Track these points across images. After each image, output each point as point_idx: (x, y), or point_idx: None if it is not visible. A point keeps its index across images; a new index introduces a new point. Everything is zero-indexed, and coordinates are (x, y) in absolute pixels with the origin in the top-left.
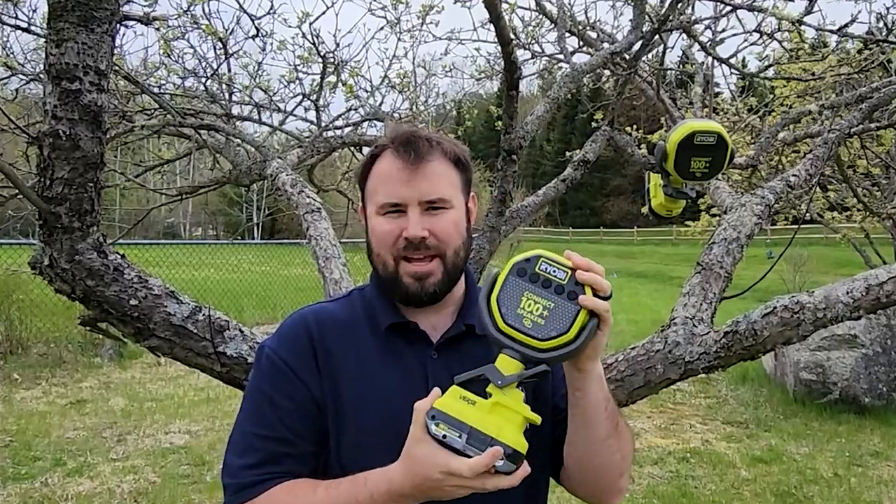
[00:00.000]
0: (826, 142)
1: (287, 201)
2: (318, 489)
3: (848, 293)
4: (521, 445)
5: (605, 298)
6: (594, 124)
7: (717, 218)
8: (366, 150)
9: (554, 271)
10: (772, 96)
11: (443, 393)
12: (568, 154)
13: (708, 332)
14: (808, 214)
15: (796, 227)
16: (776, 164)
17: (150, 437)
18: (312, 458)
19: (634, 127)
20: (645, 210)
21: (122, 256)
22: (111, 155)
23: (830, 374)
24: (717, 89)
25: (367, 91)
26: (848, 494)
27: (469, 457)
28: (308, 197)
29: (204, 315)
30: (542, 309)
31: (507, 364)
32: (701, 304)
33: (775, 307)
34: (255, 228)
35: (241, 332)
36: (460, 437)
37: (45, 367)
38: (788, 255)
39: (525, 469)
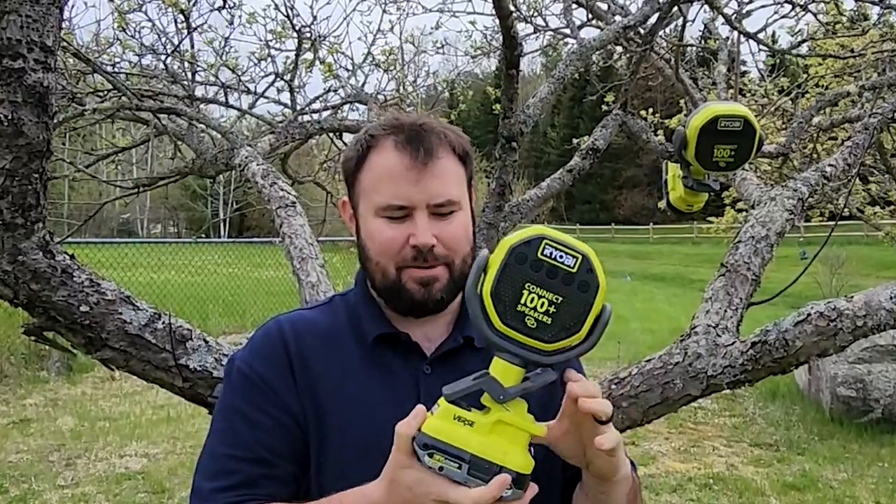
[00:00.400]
0: (867, 127)
1: (258, 194)
2: None
3: (892, 298)
4: (528, 466)
5: (605, 422)
6: (605, 108)
7: (744, 213)
8: (347, 136)
9: (561, 257)
10: (805, 76)
11: (428, 408)
12: (575, 141)
13: (733, 343)
14: (846, 210)
15: (833, 223)
16: (810, 152)
17: (103, 460)
18: (293, 480)
19: (650, 111)
20: (662, 204)
21: (72, 257)
22: (59, 142)
23: (872, 390)
24: (743, 68)
25: (348, 70)
26: None
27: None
28: (281, 189)
29: (164, 323)
30: (547, 304)
31: (505, 371)
32: (725, 311)
33: (809, 314)
34: (222, 225)
35: (206, 342)
36: (460, 467)
37: None
38: (824, 255)
39: (532, 489)
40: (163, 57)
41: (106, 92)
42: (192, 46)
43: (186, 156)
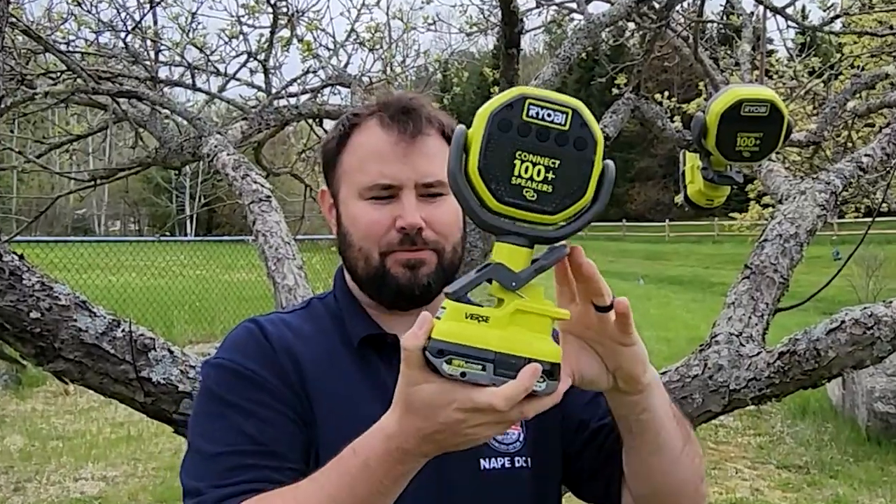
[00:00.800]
0: None
1: (228, 188)
2: (301, 484)
3: None
4: (557, 354)
5: (607, 309)
6: (615, 91)
7: (770, 209)
8: (328, 123)
9: (549, 115)
10: (839, 56)
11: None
12: None
13: (759, 353)
14: (885, 205)
15: (870, 220)
16: (844, 140)
17: (56, 484)
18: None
19: (666, 94)
20: (679, 199)
21: (21, 257)
22: (7, 129)
23: None
24: (770, 47)
25: (328, 49)
26: None
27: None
28: (255, 182)
29: (124, 331)
30: (544, 171)
31: (512, 255)
32: (750, 318)
33: (843, 321)
34: (189, 222)
35: (171, 352)
36: (484, 368)
37: None
38: (860, 255)
39: (566, 381)
40: (122, 34)
41: (59, 73)
42: (156, 23)
43: (149, 145)
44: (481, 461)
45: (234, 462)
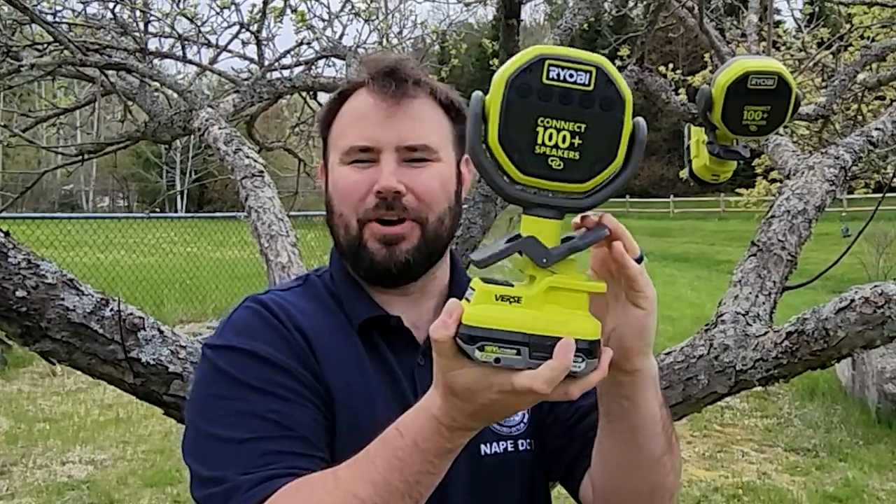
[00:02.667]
0: None
1: (220, 163)
2: (339, 470)
3: None
4: (596, 330)
5: (638, 260)
6: (618, 63)
7: (778, 184)
8: (322, 96)
9: (571, 76)
10: (848, 26)
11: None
12: None
13: (766, 333)
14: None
15: (880, 196)
16: (854, 114)
17: (43, 468)
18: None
19: (671, 66)
20: (684, 174)
21: (6, 234)
22: None
23: None
24: (777, 17)
25: (323, 20)
26: None
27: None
28: (247, 157)
29: (112, 310)
30: (569, 137)
31: (541, 228)
32: (757, 297)
33: (853, 300)
34: (179, 198)
35: (161, 332)
36: (519, 353)
37: None
38: (870, 232)
39: (607, 354)
40: (111, 5)
41: (45, 45)
42: None
43: (138, 118)
44: (482, 446)
45: (263, 448)
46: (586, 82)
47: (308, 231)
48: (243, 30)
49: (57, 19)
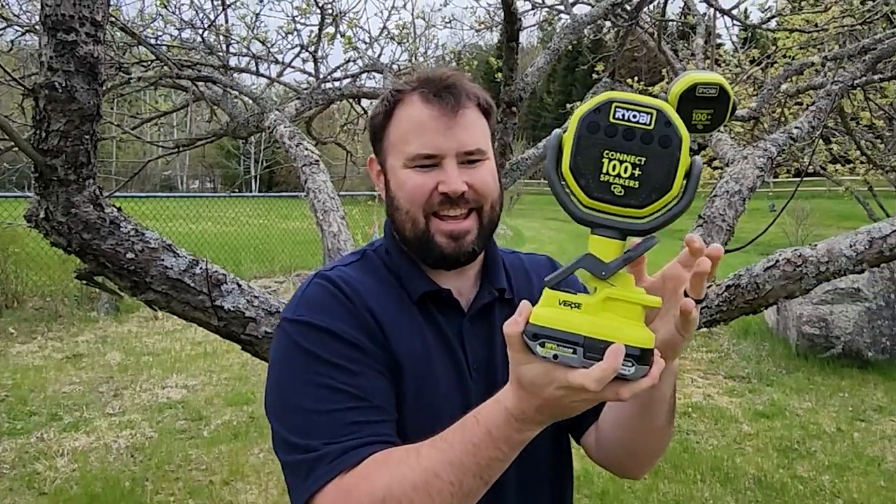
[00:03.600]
0: (829, 94)
1: (285, 153)
2: (422, 448)
3: (851, 246)
4: (649, 340)
5: (699, 301)
6: (595, 76)
7: (719, 171)
8: (365, 102)
9: (634, 116)
10: (774, 48)
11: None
12: (569, 106)
13: (710, 286)
14: (810, 167)
15: (799, 179)
16: (778, 116)
17: (147, 391)
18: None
19: (636, 79)
20: None
21: (119, 209)
22: (107, 107)
23: (833, 329)
24: (718, 41)
25: (365, 43)
26: (851, 449)
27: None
28: (306, 149)
29: (201, 268)
30: (631, 168)
31: (603, 247)
32: None
33: (778, 260)
34: (253, 181)
35: (239, 285)
36: (575, 352)
37: (41, 322)
38: (791, 207)
39: (659, 365)
40: (200, 31)
41: (150, 62)
42: (227, 21)
43: (221, 119)
44: None
45: (345, 418)
46: (647, 122)
47: (353, 207)
48: (303, 50)
49: (158, 42)
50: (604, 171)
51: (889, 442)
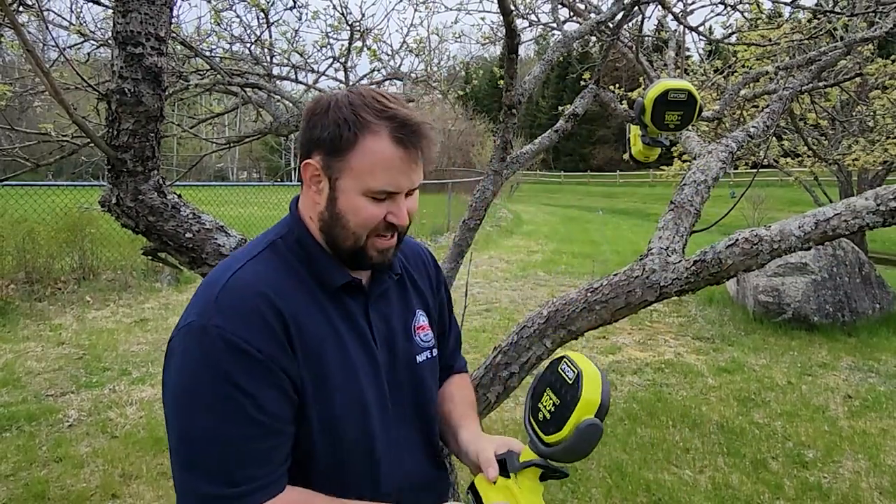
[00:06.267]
0: (781, 98)
1: None
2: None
3: (799, 227)
4: None
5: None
6: (582, 83)
7: (688, 163)
8: None
9: (566, 370)
10: (734, 59)
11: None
12: (560, 108)
13: (680, 261)
14: (765, 160)
15: (756, 170)
16: (738, 117)
17: None
18: (292, 438)
19: (617, 85)
20: (626, 156)
21: (179, 196)
22: (169, 109)
23: (784, 297)
24: (687, 53)
25: (388, 55)
26: (799, 399)
27: None
28: None
29: None
30: (552, 405)
31: (527, 452)
32: (674, 237)
33: (737, 239)
34: (293, 172)
35: None
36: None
37: (113, 291)
38: (749, 194)
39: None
40: (248, 44)
41: (205, 71)
42: (270, 36)
43: (266, 119)
44: (416, 357)
45: (252, 447)
46: (571, 378)
47: None
48: (335, 61)
49: (212, 54)
50: (542, 400)
51: (831, 393)
